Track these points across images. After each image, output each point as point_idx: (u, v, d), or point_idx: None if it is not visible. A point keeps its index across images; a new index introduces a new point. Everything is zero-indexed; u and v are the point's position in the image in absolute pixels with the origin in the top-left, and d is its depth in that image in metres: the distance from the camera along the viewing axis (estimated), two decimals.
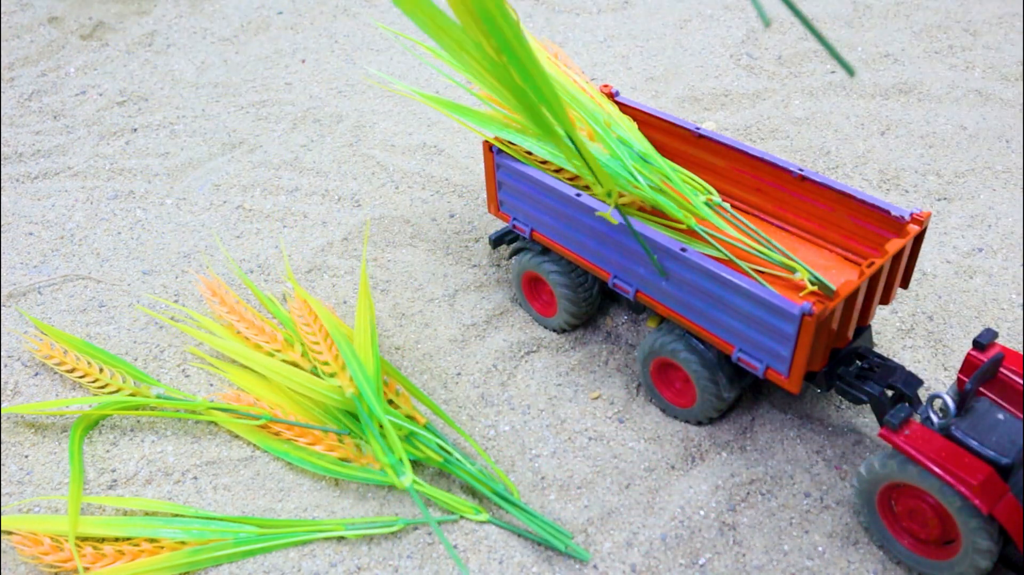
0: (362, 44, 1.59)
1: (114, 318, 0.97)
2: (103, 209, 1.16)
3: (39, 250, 1.08)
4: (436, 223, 1.10)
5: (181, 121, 1.35)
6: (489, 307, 0.96)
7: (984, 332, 0.69)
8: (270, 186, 1.19)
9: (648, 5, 1.66)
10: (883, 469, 0.65)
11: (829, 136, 1.23)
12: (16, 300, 1.00)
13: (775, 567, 0.70)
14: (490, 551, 0.72)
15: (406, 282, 1.01)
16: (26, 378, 0.90)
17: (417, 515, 0.75)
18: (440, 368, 0.90)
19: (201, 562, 0.71)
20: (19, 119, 1.36)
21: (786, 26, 1.53)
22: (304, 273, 1.03)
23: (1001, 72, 1.36)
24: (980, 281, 0.96)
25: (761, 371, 0.70)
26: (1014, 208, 1.07)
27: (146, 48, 1.59)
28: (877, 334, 0.90)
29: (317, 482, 0.78)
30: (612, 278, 0.79)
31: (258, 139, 1.29)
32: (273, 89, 1.43)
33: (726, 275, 0.68)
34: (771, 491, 0.76)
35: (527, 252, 0.90)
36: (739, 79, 1.38)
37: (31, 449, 0.83)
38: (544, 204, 0.82)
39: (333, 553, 0.72)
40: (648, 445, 0.80)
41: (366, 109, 1.36)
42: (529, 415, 0.84)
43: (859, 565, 0.70)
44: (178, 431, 0.84)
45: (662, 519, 0.74)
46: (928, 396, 0.66)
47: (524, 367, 0.90)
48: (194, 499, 0.78)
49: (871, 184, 1.13)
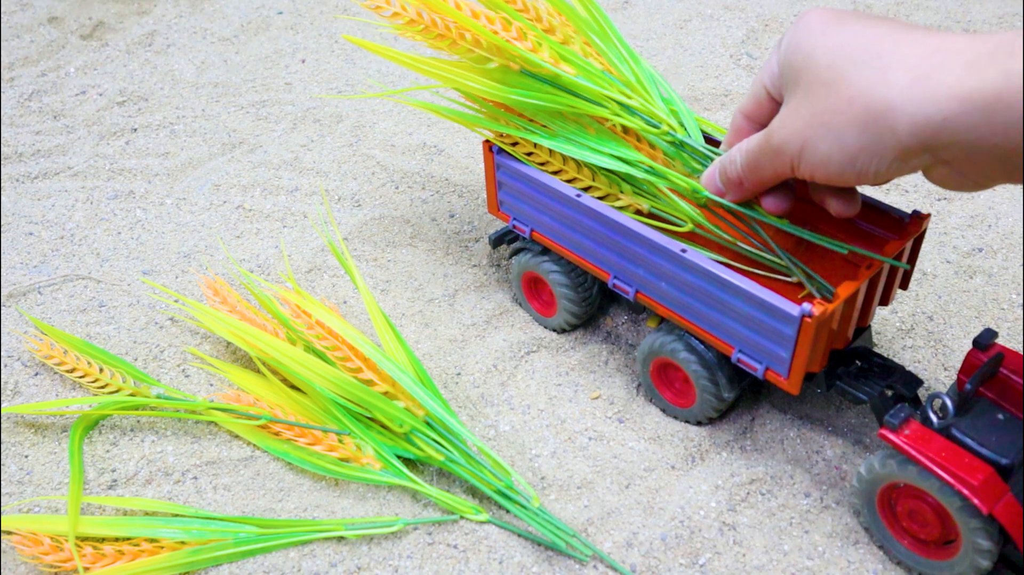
0: None
1: (114, 318, 0.97)
2: (103, 209, 1.16)
3: (39, 250, 1.08)
4: (436, 223, 1.10)
5: (181, 121, 1.35)
6: (489, 307, 0.96)
7: (984, 332, 0.69)
8: (270, 186, 1.19)
9: (648, 5, 1.66)
10: (883, 469, 0.65)
11: None
12: (16, 300, 1.00)
13: (775, 567, 0.70)
14: (490, 551, 0.72)
15: (406, 282, 1.01)
16: (26, 378, 0.90)
17: (418, 515, 0.75)
18: (440, 368, 0.90)
19: (201, 562, 0.71)
20: (19, 119, 1.36)
21: (786, 26, 1.53)
22: (304, 273, 1.03)
23: None
24: (980, 281, 0.96)
25: (761, 372, 0.70)
26: (1014, 208, 1.07)
27: (146, 48, 1.59)
28: (877, 334, 0.90)
29: (317, 482, 0.78)
30: (612, 279, 0.79)
31: (258, 139, 1.29)
32: (273, 89, 1.43)
33: (726, 276, 0.68)
34: (771, 491, 0.76)
35: (527, 252, 0.90)
36: (739, 79, 1.37)
37: (31, 449, 0.83)
38: (544, 204, 0.82)
39: (333, 553, 0.72)
40: (648, 445, 0.80)
41: (366, 109, 1.36)
42: (529, 415, 0.84)
43: (859, 565, 0.70)
44: (178, 431, 0.84)
45: (662, 519, 0.74)
46: (928, 396, 0.66)
47: (524, 367, 0.90)
48: (194, 499, 0.78)
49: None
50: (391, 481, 0.76)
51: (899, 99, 0.50)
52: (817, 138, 0.56)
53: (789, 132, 0.58)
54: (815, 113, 0.56)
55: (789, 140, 0.58)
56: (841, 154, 0.55)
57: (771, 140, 0.60)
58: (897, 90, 0.50)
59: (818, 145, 0.56)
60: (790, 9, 1.59)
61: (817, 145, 0.56)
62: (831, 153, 0.55)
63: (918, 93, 0.50)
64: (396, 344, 0.82)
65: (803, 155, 0.57)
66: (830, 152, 0.55)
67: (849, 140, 0.54)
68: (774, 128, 0.60)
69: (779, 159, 0.60)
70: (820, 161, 0.56)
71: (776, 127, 0.60)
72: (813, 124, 0.56)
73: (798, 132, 0.57)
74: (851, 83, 0.53)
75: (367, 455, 0.77)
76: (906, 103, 0.50)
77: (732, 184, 0.68)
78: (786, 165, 0.60)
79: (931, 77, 0.49)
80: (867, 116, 0.52)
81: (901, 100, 0.50)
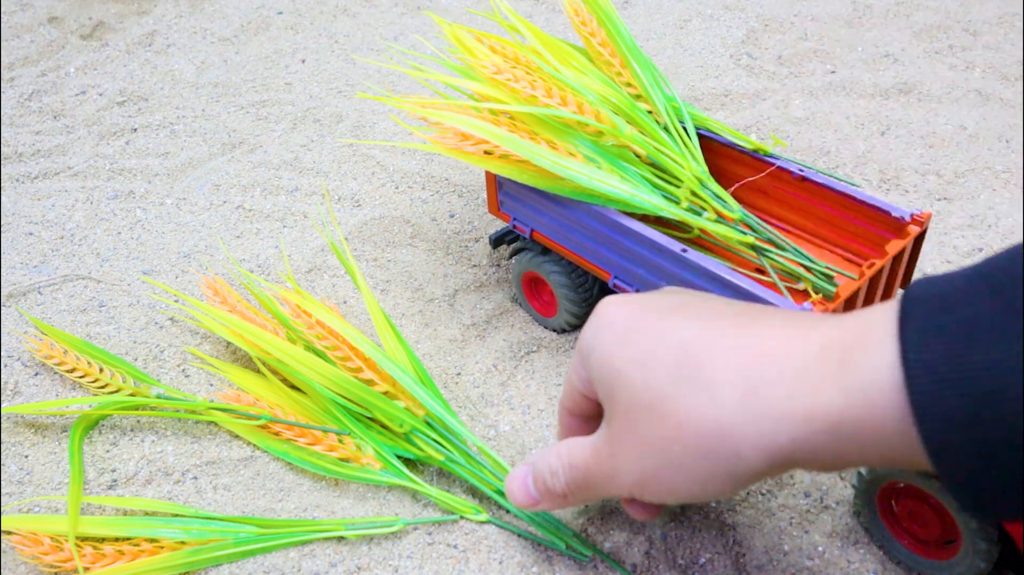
0: (362, 44, 1.59)
1: (114, 318, 0.97)
2: (103, 209, 1.16)
3: (39, 250, 1.08)
4: (436, 223, 1.10)
5: (181, 121, 1.35)
6: (489, 307, 0.96)
7: None
8: (270, 186, 1.19)
9: (648, 5, 1.66)
10: (883, 469, 0.65)
11: (829, 136, 1.23)
12: (16, 300, 1.00)
13: (775, 567, 0.70)
14: (490, 551, 0.72)
15: (406, 282, 1.01)
16: (26, 378, 0.90)
17: (418, 515, 0.75)
18: (440, 368, 0.90)
19: (201, 562, 0.71)
20: (19, 119, 1.36)
21: (786, 26, 1.53)
22: (304, 273, 1.03)
23: (1001, 72, 1.36)
24: None
25: None
26: (1014, 208, 1.07)
27: (146, 48, 1.59)
28: None
29: (317, 482, 0.78)
30: (612, 278, 0.79)
31: (258, 139, 1.29)
32: (273, 89, 1.43)
33: (727, 276, 0.68)
34: (771, 491, 0.76)
35: (527, 252, 0.90)
36: (739, 79, 1.37)
37: (31, 449, 0.83)
38: (544, 204, 0.82)
39: (333, 553, 0.72)
40: None
41: (366, 109, 1.36)
42: (529, 415, 0.84)
43: (859, 565, 0.70)
44: (178, 431, 0.84)
45: (662, 519, 0.74)
46: None
47: (524, 367, 0.90)
48: (194, 499, 0.78)
49: (871, 184, 1.13)
50: (391, 481, 0.75)
51: (733, 421, 0.44)
52: (656, 468, 0.49)
53: (621, 462, 0.51)
54: (645, 442, 0.49)
55: (622, 470, 0.52)
56: (688, 482, 0.48)
57: (601, 466, 0.54)
58: (728, 411, 0.44)
59: (659, 475, 0.49)
60: (790, 9, 1.59)
61: (658, 475, 0.49)
62: (676, 482, 0.49)
63: (752, 413, 0.44)
64: (396, 344, 0.82)
65: (644, 485, 0.51)
66: (674, 481, 0.49)
67: (692, 469, 0.47)
68: (603, 455, 0.53)
69: (614, 484, 0.53)
70: (667, 490, 0.50)
71: (605, 454, 0.53)
72: (648, 455, 0.49)
73: (632, 463, 0.51)
74: (675, 407, 0.47)
75: (367, 455, 0.77)
76: (742, 425, 0.44)
77: (553, 496, 0.60)
78: (623, 490, 0.53)
79: (759, 393, 0.44)
80: (703, 442, 0.46)
81: (735, 422, 0.44)
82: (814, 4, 1.61)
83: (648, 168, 0.77)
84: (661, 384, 0.48)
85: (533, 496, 0.62)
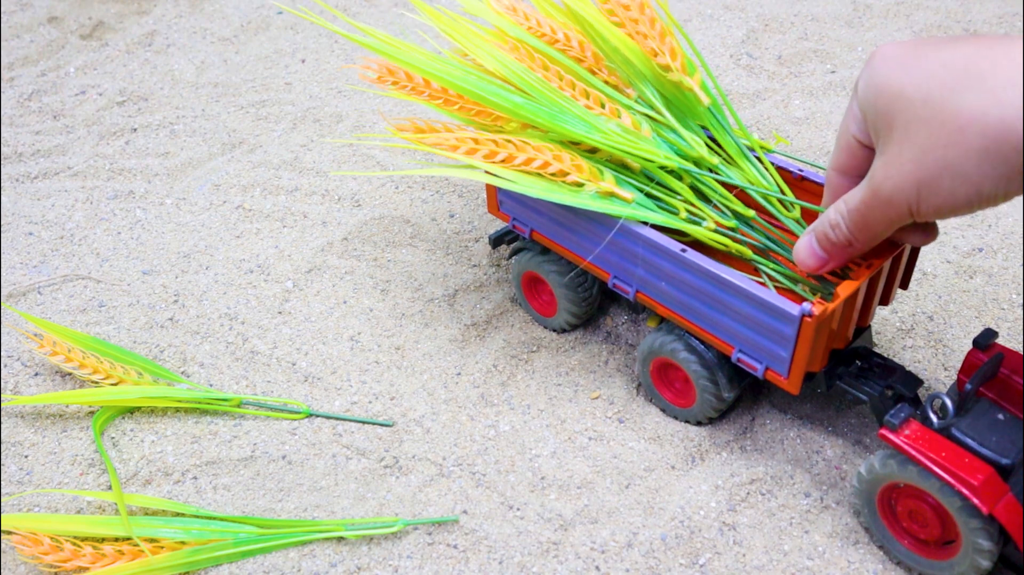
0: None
1: (114, 318, 0.97)
2: (103, 209, 1.16)
3: (39, 250, 1.08)
4: (436, 223, 1.10)
5: (181, 121, 1.35)
6: (489, 307, 0.96)
7: (984, 332, 0.69)
8: (270, 186, 1.19)
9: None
10: (883, 469, 0.65)
11: (829, 136, 1.23)
12: (16, 300, 1.00)
13: (775, 567, 0.70)
14: (490, 551, 0.72)
15: (406, 282, 1.01)
16: (26, 378, 0.90)
17: (418, 515, 0.75)
18: (440, 368, 0.90)
19: (201, 562, 0.71)
20: (19, 119, 1.36)
21: (786, 26, 1.53)
22: (304, 273, 1.03)
23: None
24: (980, 281, 0.96)
25: (761, 372, 0.70)
26: (1014, 208, 1.07)
27: (146, 48, 1.59)
28: (877, 334, 0.90)
29: (317, 482, 0.78)
30: (612, 278, 0.79)
31: (258, 139, 1.29)
32: (273, 89, 1.43)
33: (726, 276, 0.68)
34: (771, 491, 0.76)
35: (527, 252, 0.90)
36: (739, 79, 1.37)
37: (31, 449, 0.83)
38: (544, 204, 0.82)
39: (333, 553, 0.72)
40: (648, 445, 0.80)
41: (366, 109, 1.36)
42: (529, 415, 0.84)
43: (859, 565, 0.70)
44: (178, 431, 0.84)
45: (662, 519, 0.74)
46: (928, 396, 0.66)
47: (524, 367, 0.90)
48: (194, 499, 0.78)
49: None
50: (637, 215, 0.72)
51: (1017, 116, 0.48)
52: (934, 177, 0.53)
53: (898, 179, 0.55)
54: (924, 152, 0.52)
55: (901, 187, 0.55)
56: (966, 187, 0.52)
57: (879, 192, 0.57)
58: (1011, 110, 0.48)
59: (937, 184, 0.53)
60: (790, 9, 1.59)
61: (936, 184, 0.53)
62: (954, 188, 0.52)
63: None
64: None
65: (922, 198, 0.54)
66: (952, 188, 0.52)
67: (971, 171, 0.51)
68: (878, 179, 0.57)
69: (893, 209, 0.57)
70: (944, 200, 0.53)
71: (881, 178, 0.56)
72: (925, 164, 0.53)
73: (909, 176, 0.54)
74: (958, 112, 0.50)
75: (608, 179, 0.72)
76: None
77: (839, 248, 0.64)
78: (903, 213, 0.56)
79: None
80: (986, 142, 0.49)
81: (1020, 117, 0.48)
82: (814, 4, 1.61)
83: (644, 179, 0.76)
84: (942, 95, 0.51)
85: (821, 256, 0.65)
